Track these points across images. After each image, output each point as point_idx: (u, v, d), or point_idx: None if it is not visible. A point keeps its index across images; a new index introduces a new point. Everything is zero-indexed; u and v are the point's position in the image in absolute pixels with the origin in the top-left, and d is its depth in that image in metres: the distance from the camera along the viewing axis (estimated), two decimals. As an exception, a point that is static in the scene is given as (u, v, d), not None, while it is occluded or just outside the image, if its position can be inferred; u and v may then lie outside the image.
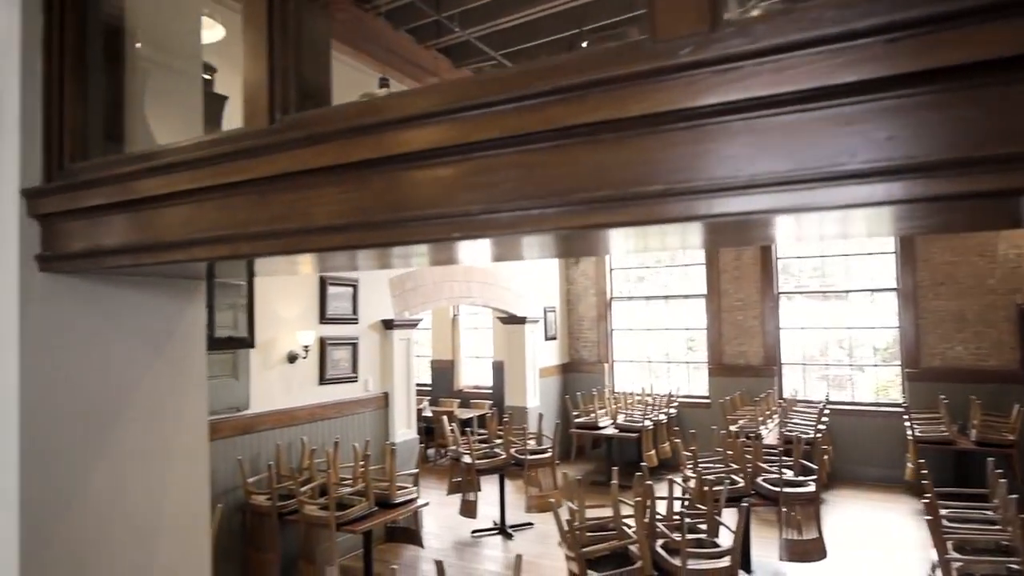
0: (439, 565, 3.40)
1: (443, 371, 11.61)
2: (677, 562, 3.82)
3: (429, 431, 9.49)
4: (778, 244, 8.47)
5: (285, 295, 5.65)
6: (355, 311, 6.53)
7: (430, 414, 9.66)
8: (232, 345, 4.28)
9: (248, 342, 4.19)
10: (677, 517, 4.28)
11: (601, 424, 8.57)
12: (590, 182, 1.00)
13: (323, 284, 6.08)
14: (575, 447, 9.29)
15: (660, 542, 4.07)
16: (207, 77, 2.85)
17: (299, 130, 1.15)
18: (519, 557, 3.29)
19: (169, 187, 1.30)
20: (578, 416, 8.85)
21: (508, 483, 7.23)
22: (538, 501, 6.79)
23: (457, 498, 6.88)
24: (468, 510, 6.63)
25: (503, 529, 7.02)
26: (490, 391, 11.20)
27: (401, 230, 1.10)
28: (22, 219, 1.48)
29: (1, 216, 1.49)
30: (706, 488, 4.72)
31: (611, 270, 10.51)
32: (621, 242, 1.35)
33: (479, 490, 6.66)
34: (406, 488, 5.57)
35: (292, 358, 5.66)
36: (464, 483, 6.76)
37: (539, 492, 6.84)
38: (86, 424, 1.56)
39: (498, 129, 1.01)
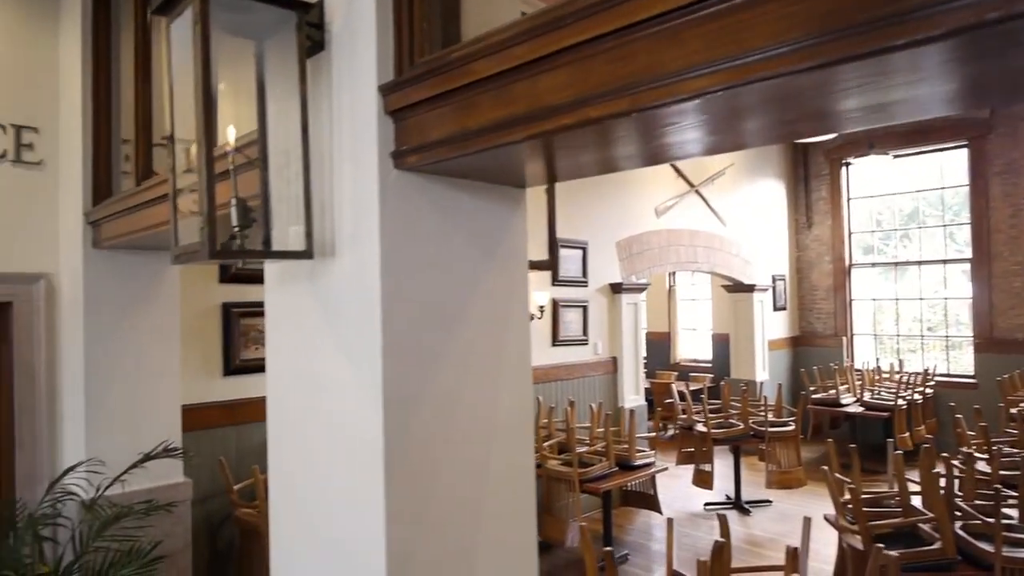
0: (669, 523, 3.22)
1: (658, 343, 11.31)
2: (986, 547, 3.27)
3: (648, 404, 9.27)
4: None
5: (521, 255, 5.69)
6: (584, 273, 6.48)
7: (647, 386, 9.43)
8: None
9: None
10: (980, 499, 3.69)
11: (843, 401, 7.78)
12: None
13: (553, 245, 6.07)
14: (811, 425, 8.55)
15: (958, 524, 3.52)
16: None
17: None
18: (807, 520, 2.99)
19: (525, 56, 1.20)
20: (815, 392, 8.12)
21: (741, 458, 6.80)
22: (780, 477, 6.32)
23: (686, 470, 6.62)
24: (703, 480, 6.33)
25: (738, 504, 6.63)
26: (709, 364, 10.71)
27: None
28: (380, 116, 1.48)
29: (361, 114, 1.51)
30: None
31: (850, 234, 9.49)
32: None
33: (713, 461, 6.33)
34: (644, 451, 5.42)
35: (529, 318, 5.71)
36: (698, 453, 6.47)
37: (780, 468, 6.35)
38: (434, 320, 1.56)
39: None
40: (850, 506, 3.66)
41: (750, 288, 8.71)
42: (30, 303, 3.57)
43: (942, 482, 3.65)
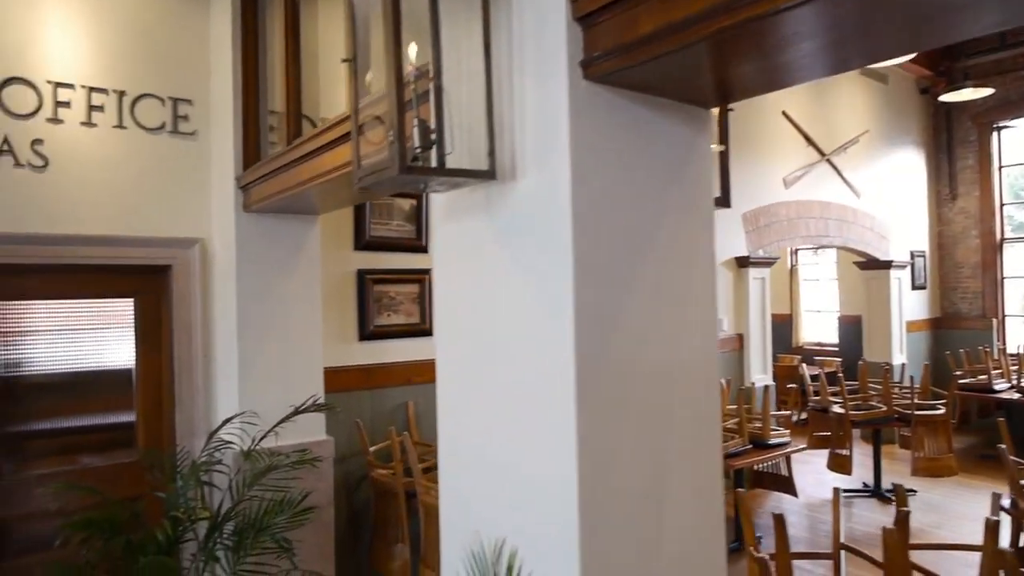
0: (835, 493, 2.97)
1: (780, 326, 10.75)
2: None
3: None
4: None
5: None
6: (709, 246, 6.20)
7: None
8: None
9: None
10: None
11: (997, 387, 7.10)
12: None
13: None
14: (958, 411, 7.86)
15: None
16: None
17: None
18: (995, 495, 2.70)
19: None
20: (961, 377, 7.46)
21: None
22: (927, 464, 5.84)
23: (815, 455, 6.25)
24: (840, 465, 5.95)
25: (878, 491, 6.19)
26: (835, 348, 10.10)
27: None
28: (568, 23, 1.39)
29: (548, 22, 1.43)
30: None
31: (1001, 205, 8.64)
32: None
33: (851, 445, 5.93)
34: (778, 431, 5.14)
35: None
36: (833, 437, 6.08)
37: (926, 455, 5.87)
38: (625, 246, 1.47)
39: None
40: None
41: (886, 265, 8.10)
42: (187, 266, 3.77)
43: None
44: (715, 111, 1.86)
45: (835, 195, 7.58)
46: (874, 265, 8.14)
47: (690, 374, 1.58)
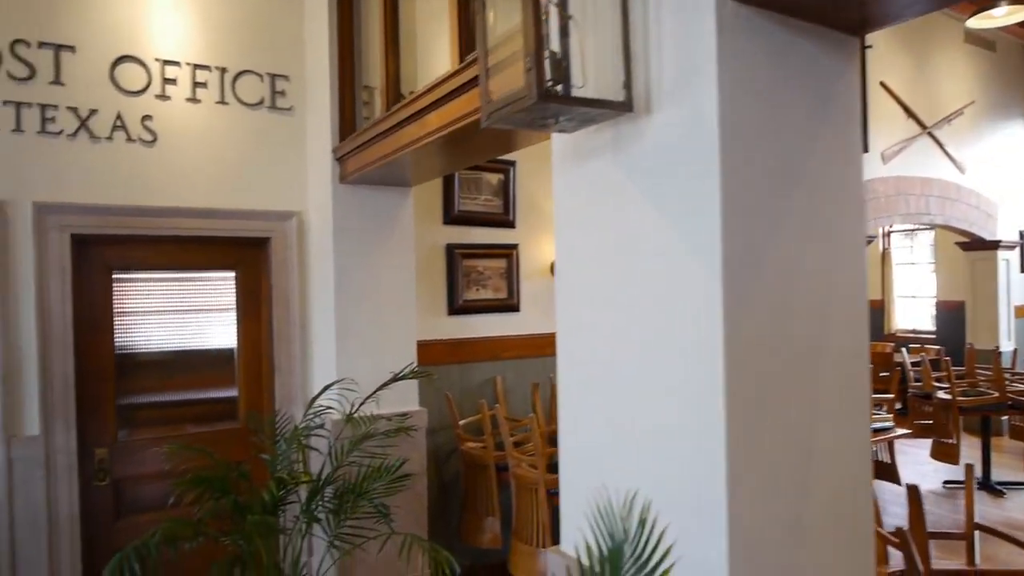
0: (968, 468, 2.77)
1: (871, 312, 10.26)
2: None
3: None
4: None
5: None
6: (802, 223, 5.94)
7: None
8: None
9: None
10: None
11: (1120, 375, 6.55)
12: None
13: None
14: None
15: None
16: None
17: None
18: None
19: None
20: (1079, 365, 6.93)
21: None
22: (1045, 455, 5.44)
23: (915, 445, 5.92)
24: (945, 454, 5.62)
25: (987, 484, 5.82)
26: (932, 335, 9.56)
27: None
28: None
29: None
30: None
31: (1126, 181, 7.95)
32: None
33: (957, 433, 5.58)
34: (880, 414, 4.88)
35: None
36: (937, 425, 5.74)
37: (1043, 445, 5.47)
38: (773, 181, 1.38)
39: None
40: None
41: (993, 245, 7.59)
42: (285, 239, 3.85)
43: None
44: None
45: (937, 171, 7.14)
46: (979, 246, 7.64)
47: (839, 316, 1.47)
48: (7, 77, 3.25)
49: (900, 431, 4.82)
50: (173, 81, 3.61)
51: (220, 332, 3.93)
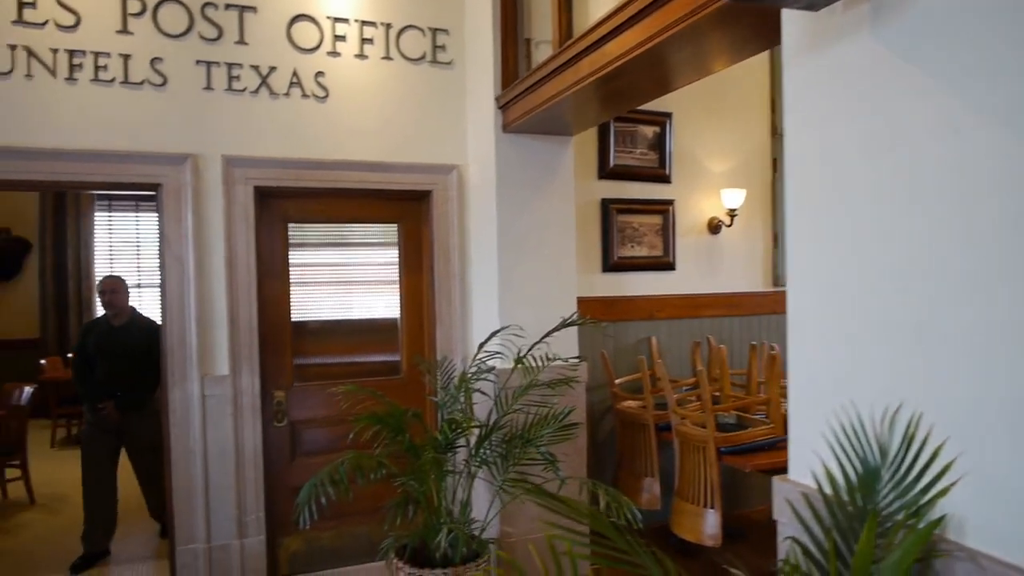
0: None
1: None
2: None
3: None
4: None
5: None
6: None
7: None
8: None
9: None
10: None
11: None
12: None
13: None
14: None
15: None
16: None
17: None
18: None
19: None
20: None
21: None
22: None
23: None
24: None
25: None
26: None
27: None
28: None
29: None
30: None
31: None
32: None
33: None
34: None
35: None
36: None
37: None
38: None
39: None
40: None
41: None
42: (445, 191, 3.89)
43: None
44: None
45: None
46: None
47: None
48: (199, 38, 3.46)
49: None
50: (343, 38, 3.71)
51: (383, 285, 4.05)
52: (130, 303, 4.32)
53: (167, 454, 3.52)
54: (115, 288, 4.21)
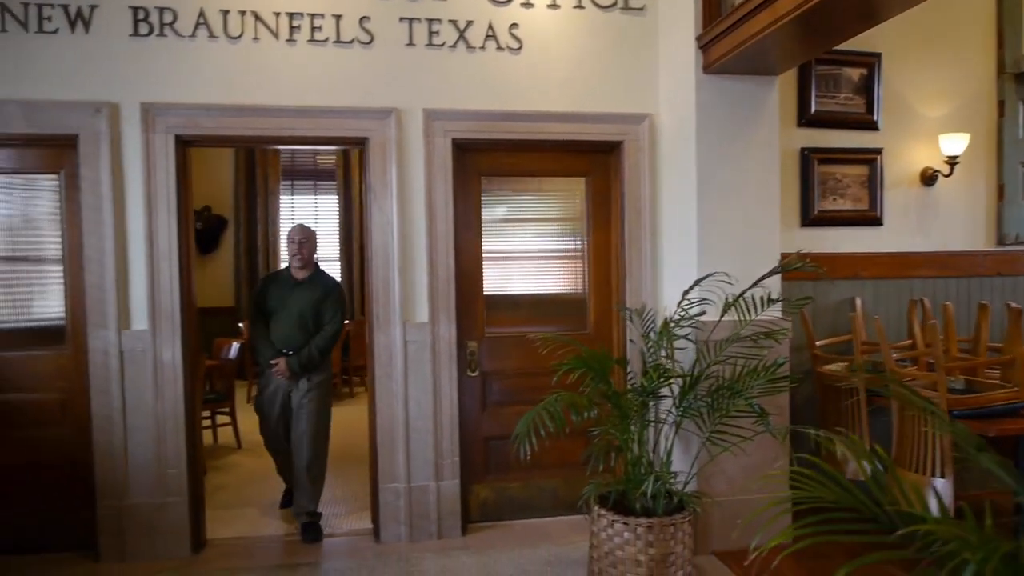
0: None
1: None
2: None
3: None
4: None
5: None
6: None
7: None
8: None
9: None
10: None
11: None
12: None
13: None
14: None
15: None
16: None
17: None
18: None
19: None
20: None
21: None
22: None
23: None
24: None
25: None
26: None
27: None
28: None
29: None
30: None
31: None
32: None
33: None
34: None
35: None
36: None
37: None
38: None
39: None
40: None
41: None
42: (637, 141, 3.79)
43: None
44: None
45: None
46: None
47: None
48: (403, -6, 3.58)
49: None
50: (536, -12, 3.71)
51: (569, 239, 4.02)
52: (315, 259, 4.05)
53: (371, 394, 3.71)
54: (306, 238, 3.92)
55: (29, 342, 3.57)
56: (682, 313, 3.13)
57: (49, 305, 3.59)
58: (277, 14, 3.47)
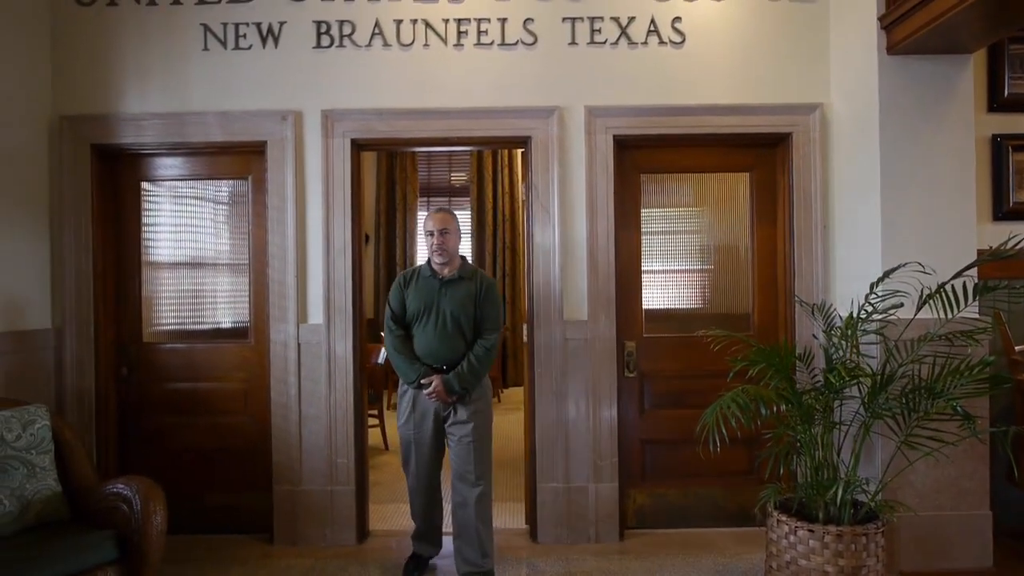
0: None
1: None
2: None
3: None
4: None
5: None
6: None
7: None
8: None
9: None
10: None
11: None
12: None
13: None
14: None
15: None
16: None
17: None
18: None
19: None
20: None
21: None
22: None
23: None
24: None
25: None
26: None
27: None
28: None
29: None
30: None
31: None
32: None
33: None
34: None
35: None
36: None
37: None
38: None
39: None
40: None
41: None
42: (807, 132, 3.61)
43: None
44: None
45: None
46: None
47: None
48: (564, -3, 3.63)
49: None
50: (700, -19, 3.64)
51: (731, 237, 3.87)
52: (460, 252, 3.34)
53: (529, 391, 3.71)
54: (447, 227, 3.18)
55: (217, 336, 3.86)
56: (870, 308, 2.92)
57: (236, 301, 3.87)
58: (446, 21, 3.61)
